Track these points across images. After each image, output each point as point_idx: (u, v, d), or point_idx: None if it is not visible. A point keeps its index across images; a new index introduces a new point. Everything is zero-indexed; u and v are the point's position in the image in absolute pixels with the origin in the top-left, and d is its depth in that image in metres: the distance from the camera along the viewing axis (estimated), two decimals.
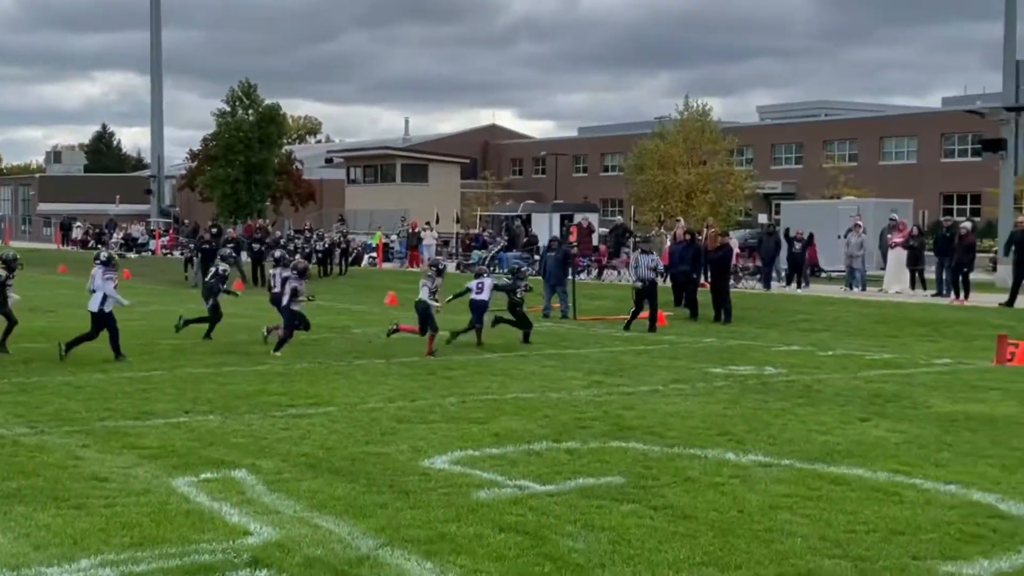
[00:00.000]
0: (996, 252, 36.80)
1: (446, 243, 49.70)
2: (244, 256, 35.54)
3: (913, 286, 30.85)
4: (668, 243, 30.00)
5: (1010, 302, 25.51)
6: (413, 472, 9.17)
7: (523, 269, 20.93)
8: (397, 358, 16.88)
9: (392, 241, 48.91)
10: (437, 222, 48.88)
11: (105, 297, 16.19)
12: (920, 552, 7.02)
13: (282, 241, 39.08)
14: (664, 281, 26.05)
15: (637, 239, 35.57)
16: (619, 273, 36.47)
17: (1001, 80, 36.49)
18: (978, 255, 31.23)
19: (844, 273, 32.50)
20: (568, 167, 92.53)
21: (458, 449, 10.12)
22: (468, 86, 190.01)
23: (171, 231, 61.02)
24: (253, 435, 10.72)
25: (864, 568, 6.68)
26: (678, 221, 37.19)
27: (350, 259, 41.82)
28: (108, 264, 16.55)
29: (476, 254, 41.82)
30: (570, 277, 25.32)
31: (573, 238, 31.94)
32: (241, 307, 22.85)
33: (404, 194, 65.65)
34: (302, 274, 17.99)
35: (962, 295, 27.30)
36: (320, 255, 38.85)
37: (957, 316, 23.96)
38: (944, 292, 28.69)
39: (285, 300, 17.59)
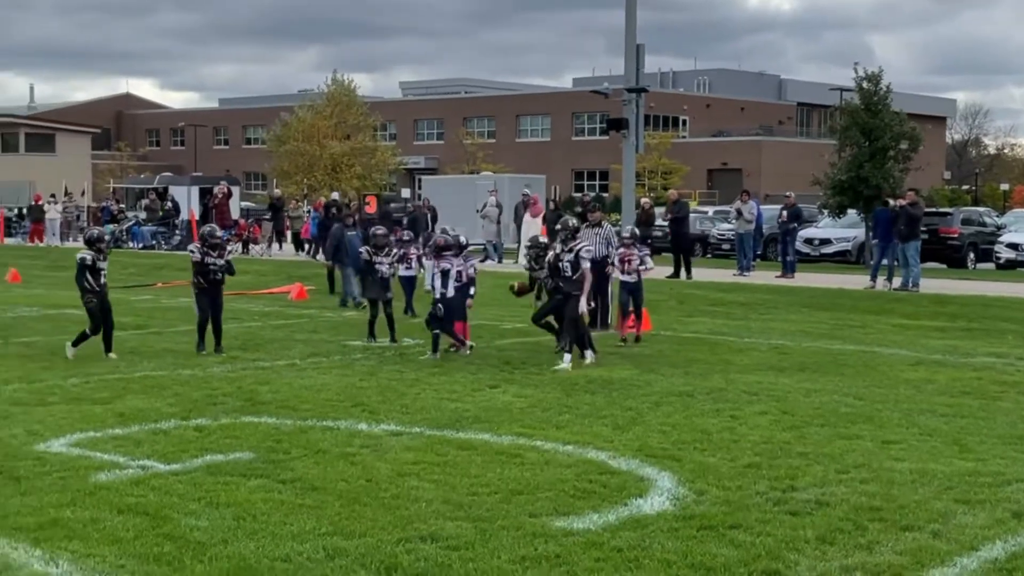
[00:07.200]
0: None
1: (77, 217, 47.12)
2: None
3: None
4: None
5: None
6: (27, 457, 8.65)
7: None
8: (17, 338, 15.85)
9: (15, 215, 45.85)
10: (66, 194, 46.23)
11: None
12: (537, 510, 7.34)
13: None
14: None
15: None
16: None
17: (624, 63, 38.64)
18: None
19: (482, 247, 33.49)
20: (208, 139, 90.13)
21: (78, 431, 9.63)
22: (108, 55, 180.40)
23: None
24: None
25: (484, 528, 6.91)
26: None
27: None
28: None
29: (108, 227, 39.85)
30: None
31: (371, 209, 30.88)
32: None
33: (29, 165, 61.66)
34: None
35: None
36: None
37: None
38: None
39: None
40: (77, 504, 7.32)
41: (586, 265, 13.90)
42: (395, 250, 16.62)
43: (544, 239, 14.98)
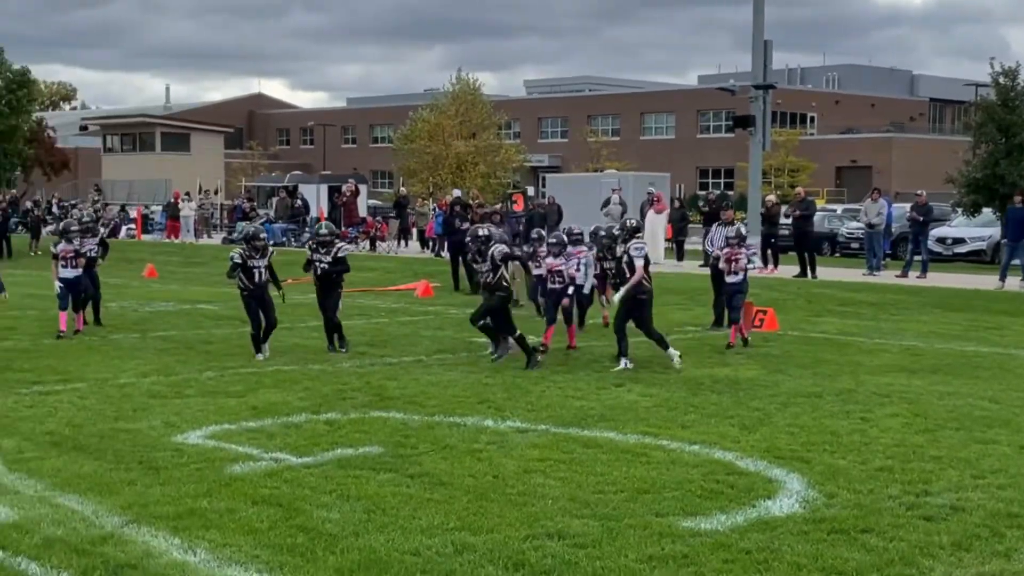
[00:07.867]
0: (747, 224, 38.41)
1: (212, 214, 48.39)
2: None
3: (680, 257, 31.99)
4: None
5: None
6: (165, 448, 8.94)
7: None
8: (154, 332, 16.37)
9: (152, 212, 47.28)
10: (200, 192, 47.52)
11: None
12: (663, 509, 7.32)
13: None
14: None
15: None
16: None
17: (751, 60, 38.15)
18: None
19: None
20: (337, 138, 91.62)
21: (214, 423, 9.92)
22: (240, 55, 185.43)
23: None
24: None
25: (610, 526, 6.91)
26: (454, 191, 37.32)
27: (107, 231, 40.35)
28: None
29: (240, 225, 40.80)
30: None
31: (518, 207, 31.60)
32: None
33: (165, 163, 63.52)
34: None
35: (771, 265, 28.28)
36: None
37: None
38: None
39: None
40: (213, 495, 7.53)
41: (639, 263, 13.55)
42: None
43: (484, 231, 14.76)
